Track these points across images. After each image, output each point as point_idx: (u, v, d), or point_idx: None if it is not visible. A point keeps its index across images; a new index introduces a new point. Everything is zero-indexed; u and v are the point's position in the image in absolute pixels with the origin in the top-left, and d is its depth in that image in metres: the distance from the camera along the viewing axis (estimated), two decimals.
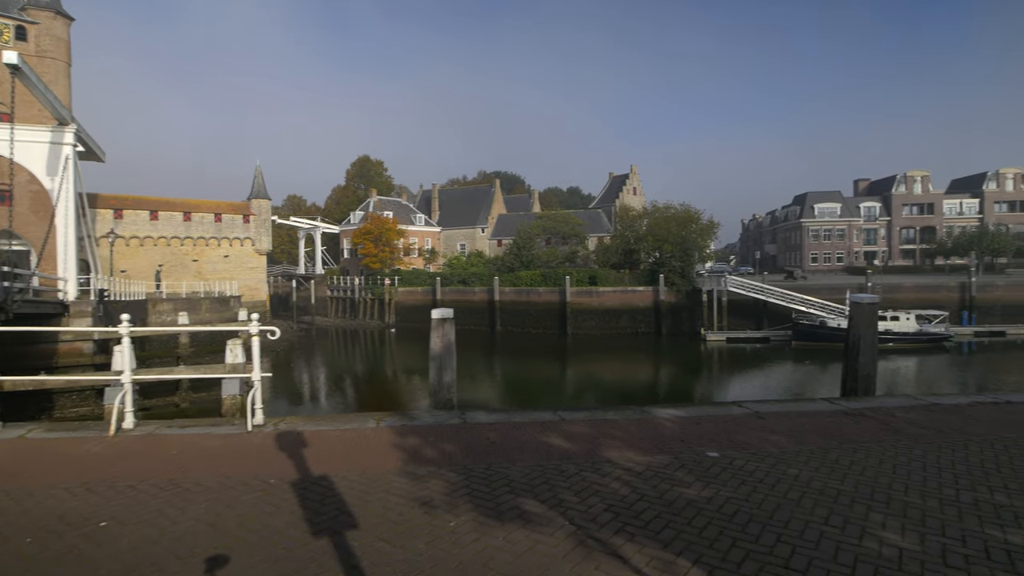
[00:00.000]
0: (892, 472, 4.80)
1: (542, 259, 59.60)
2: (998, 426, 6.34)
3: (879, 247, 72.26)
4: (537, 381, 32.17)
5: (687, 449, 5.41)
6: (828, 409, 7.02)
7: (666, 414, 6.68)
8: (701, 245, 53.24)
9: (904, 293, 46.17)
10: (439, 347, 7.37)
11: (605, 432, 6.00)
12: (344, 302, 62.98)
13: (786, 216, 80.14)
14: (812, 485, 4.48)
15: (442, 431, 6.06)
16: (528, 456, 5.22)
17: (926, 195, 72.56)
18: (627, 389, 30.01)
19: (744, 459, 5.12)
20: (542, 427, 6.19)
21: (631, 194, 75.99)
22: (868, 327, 8.16)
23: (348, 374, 33.29)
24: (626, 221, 60.05)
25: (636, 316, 49.40)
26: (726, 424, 6.34)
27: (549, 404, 24.78)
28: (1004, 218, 69.69)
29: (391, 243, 63.49)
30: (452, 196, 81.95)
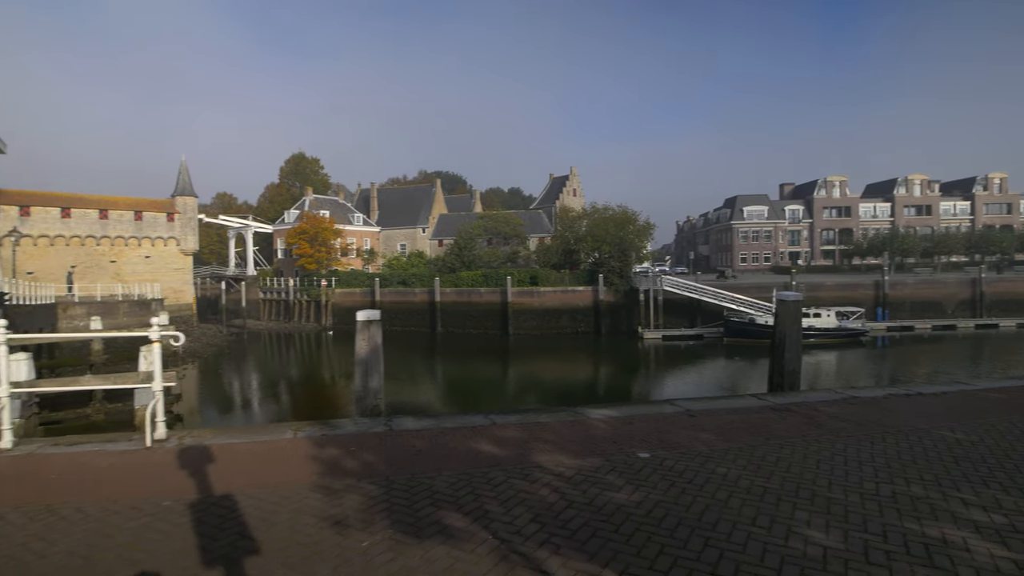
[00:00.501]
0: (816, 468, 4.84)
1: (483, 259, 59.37)
2: (911, 417, 6.59)
3: (802, 248, 76.28)
4: (477, 383, 31.88)
5: (619, 451, 5.30)
6: (756, 405, 7.12)
7: (599, 415, 6.58)
8: (638, 246, 54.46)
9: (825, 291, 48.86)
10: (365, 351, 6.99)
11: (537, 435, 5.82)
12: (278, 304, 60.59)
13: (718, 218, 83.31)
14: (740, 484, 4.44)
15: (365, 440, 5.71)
16: (455, 464, 4.96)
17: (844, 199, 77.18)
18: (567, 389, 30.20)
19: (675, 459, 5.06)
20: (472, 432, 5.94)
21: (571, 195, 76.96)
22: (793, 324, 8.38)
23: (279, 380, 31.88)
24: (566, 222, 60.70)
25: (576, 316, 49.97)
26: (658, 423, 6.29)
27: (489, 406, 24.61)
28: (912, 221, 75.09)
29: (328, 243, 61.60)
30: (392, 196, 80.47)
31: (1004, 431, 5.99)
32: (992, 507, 4.01)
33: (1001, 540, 3.51)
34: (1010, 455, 5.20)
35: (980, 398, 7.66)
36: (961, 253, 65.42)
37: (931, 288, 50.05)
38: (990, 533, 3.61)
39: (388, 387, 28.30)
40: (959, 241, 65.78)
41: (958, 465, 4.92)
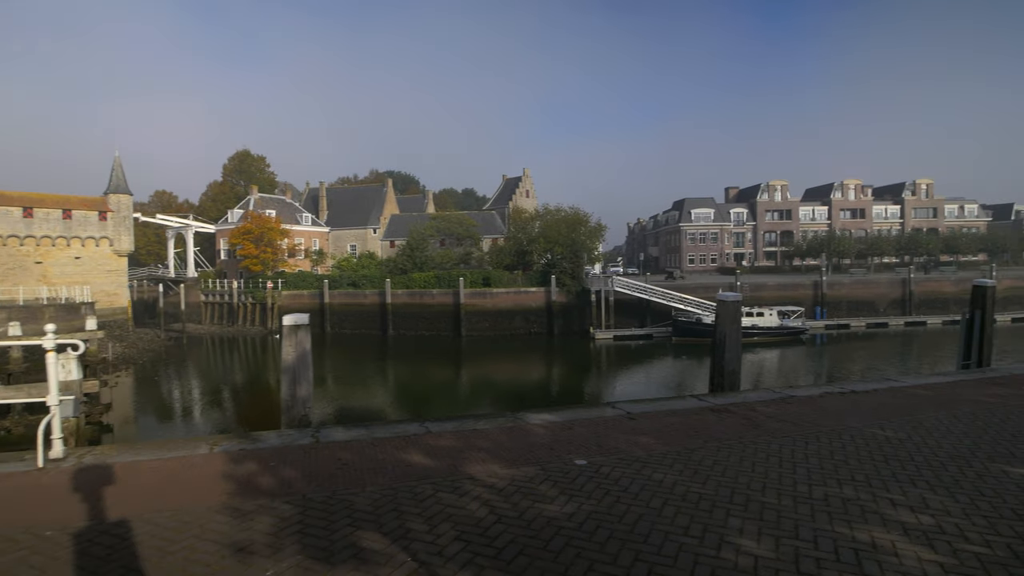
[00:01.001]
0: (751, 471, 4.79)
1: (436, 261, 58.73)
2: (844, 416, 6.69)
3: (747, 249, 78.84)
4: (426, 387, 31.39)
5: (555, 458, 5.13)
6: (696, 406, 7.10)
7: (539, 420, 6.40)
8: (590, 247, 55.01)
9: (767, 291, 50.58)
10: (292, 357, 6.59)
11: (472, 444, 5.58)
12: (221, 307, 58.21)
13: (667, 220, 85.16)
14: (675, 491, 4.33)
15: (288, 454, 5.33)
16: (382, 478, 4.67)
17: (785, 202, 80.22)
18: (517, 391, 30.10)
19: (611, 465, 4.91)
20: (405, 442, 5.65)
21: (524, 196, 77.13)
22: (733, 324, 8.44)
23: (219, 387, 30.48)
24: (519, 223, 60.75)
25: (529, 316, 50.05)
26: (598, 428, 6.16)
27: (438, 411, 24.23)
28: (848, 224, 78.72)
29: (274, 244, 59.60)
30: (342, 195, 78.68)
31: (931, 428, 6.13)
32: (919, 507, 4.02)
33: (928, 543, 3.49)
34: (936, 452, 5.29)
35: (908, 395, 7.87)
36: (892, 255, 69.02)
37: (865, 288, 52.54)
38: (918, 535, 3.59)
39: (334, 392, 27.56)
40: (890, 243, 69.39)
41: (888, 464, 4.97)
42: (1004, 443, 5.58)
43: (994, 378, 9.16)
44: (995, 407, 7.13)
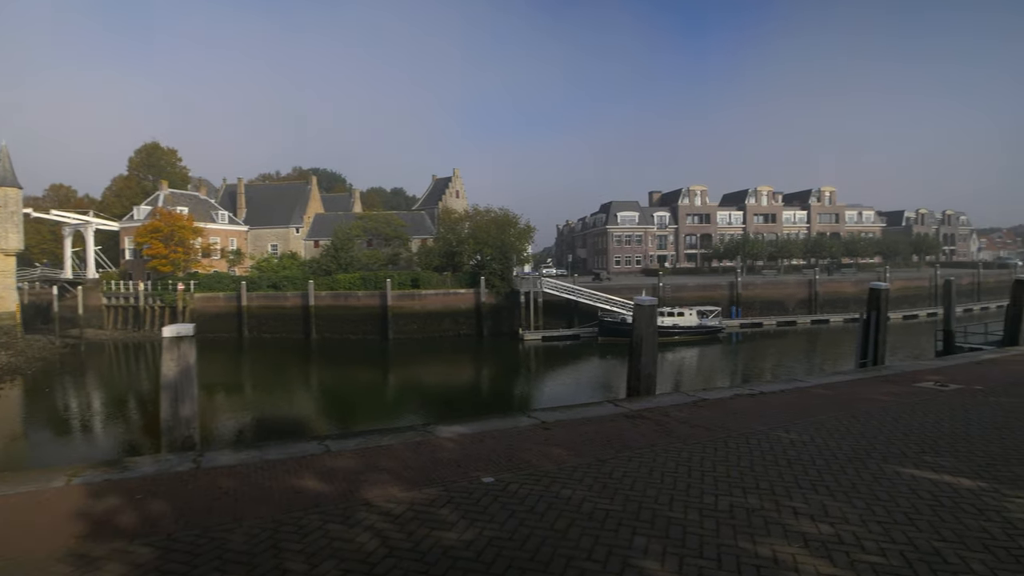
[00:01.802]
0: (660, 482, 4.69)
1: (362, 261, 57.11)
2: (752, 419, 6.80)
3: (669, 251, 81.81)
4: (350, 393, 30.33)
5: (462, 476, 4.83)
6: (611, 413, 7.02)
7: (449, 433, 6.09)
8: (519, 248, 55.23)
9: (688, 292, 52.62)
10: (174, 373, 5.94)
11: (374, 463, 5.19)
12: (125, 311, 53.94)
13: (594, 223, 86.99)
14: (582, 508, 4.14)
15: (160, 484, 4.74)
16: (266, 508, 4.21)
17: (704, 207, 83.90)
18: (442, 395, 29.63)
19: (520, 482, 4.68)
20: (299, 465, 5.18)
21: (454, 197, 76.48)
22: (649, 328, 8.47)
23: (114, 401, 27.99)
24: (448, 224, 60.11)
25: (458, 318, 49.58)
26: (510, 439, 5.92)
27: (361, 420, 23.34)
28: (761, 228, 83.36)
29: (186, 243, 55.89)
30: (262, 192, 75.04)
31: (831, 429, 6.32)
32: (820, 515, 4.03)
33: (827, 554, 3.46)
34: (836, 455, 5.42)
35: (812, 395, 8.17)
36: (800, 257, 73.67)
37: (776, 288, 55.74)
38: (817, 547, 3.57)
39: (245, 404, 25.97)
40: (798, 246, 74.08)
41: (791, 469, 5.02)
42: (896, 443, 5.80)
43: (888, 376, 9.70)
44: (888, 405, 7.49)
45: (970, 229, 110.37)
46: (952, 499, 4.32)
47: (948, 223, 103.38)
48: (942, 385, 8.74)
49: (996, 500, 4.31)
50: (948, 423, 6.55)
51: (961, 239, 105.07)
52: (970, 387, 8.62)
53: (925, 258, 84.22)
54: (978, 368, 10.46)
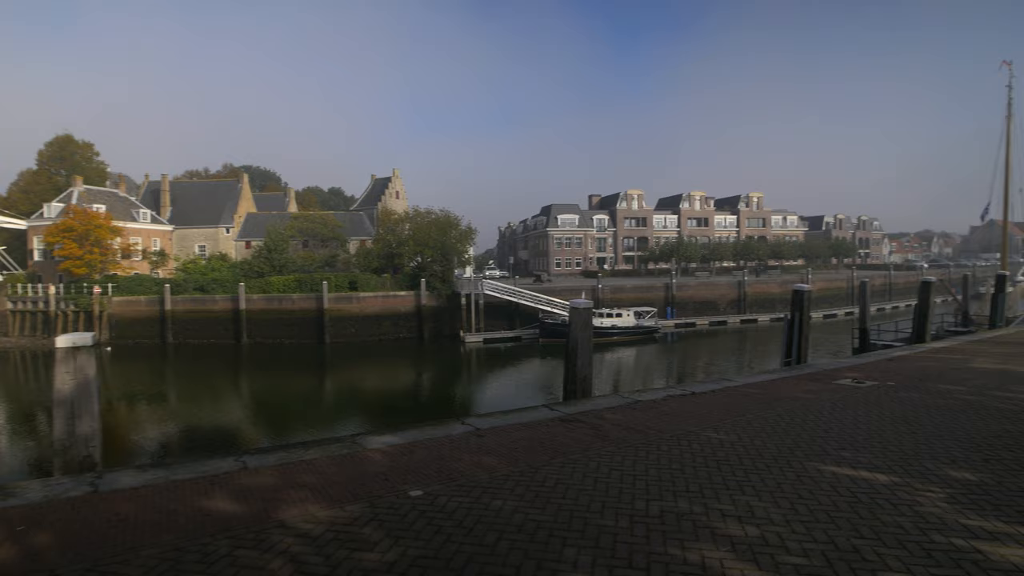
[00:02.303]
0: (593, 488, 4.63)
1: (298, 263, 55.26)
2: (684, 419, 6.89)
3: (608, 254, 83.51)
4: (282, 401, 29.15)
5: (389, 490, 4.60)
6: (547, 417, 6.94)
7: (379, 444, 5.83)
8: (460, 250, 54.90)
9: (625, 293, 53.83)
10: (70, 387, 5.39)
11: (295, 479, 4.88)
12: (33, 316, 49.83)
13: (535, 225, 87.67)
14: (513, 520, 4.01)
15: (50, 511, 4.26)
16: (169, 535, 3.84)
17: (641, 211, 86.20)
18: (380, 401, 29.01)
19: (449, 494, 4.50)
20: (211, 484, 4.80)
21: (394, 198, 75.17)
22: (584, 330, 8.48)
23: (13, 418, 25.70)
24: (388, 225, 59.07)
25: (398, 321, 48.77)
26: (442, 448, 5.73)
27: (294, 430, 22.44)
28: (694, 231, 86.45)
29: (103, 243, 52.28)
30: (189, 190, 71.22)
31: (758, 428, 6.48)
32: (747, 517, 4.06)
33: (753, 558, 3.47)
34: (762, 454, 5.54)
35: (740, 394, 8.39)
36: (730, 259, 76.85)
37: (708, 290, 57.91)
38: (744, 550, 3.57)
39: (165, 416, 24.51)
40: (728, 249, 77.29)
41: (720, 470, 5.08)
42: (818, 440, 6.00)
43: (810, 374, 10.13)
44: (810, 403, 7.78)
45: (882, 234, 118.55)
46: (869, 495, 4.47)
47: (863, 228, 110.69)
48: (859, 382, 9.19)
49: (909, 495, 4.49)
50: (864, 419, 6.86)
51: (874, 243, 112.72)
52: (884, 383, 9.11)
53: (843, 260, 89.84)
54: (890, 364, 11.10)
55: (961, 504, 4.29)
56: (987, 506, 4.25)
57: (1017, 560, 3.43)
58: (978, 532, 3.81)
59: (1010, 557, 3.47)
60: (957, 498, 4.41)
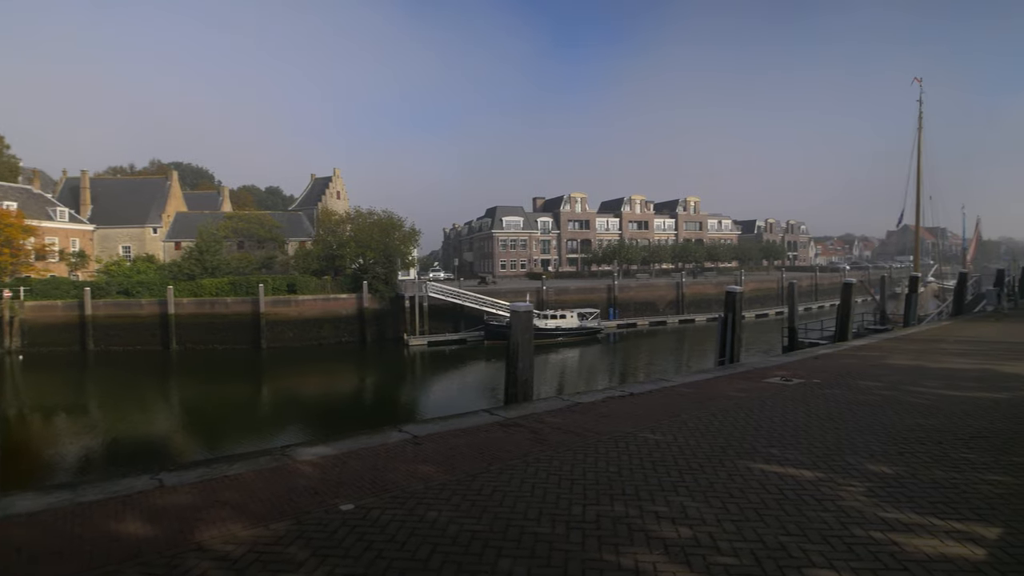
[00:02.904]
0: (530, 495, 4.58)
1: (232, 265, 52.98)
2: (621, 421, 6.96)
3: (552, 255, 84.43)
4: (211, 412, 27.84)
5: (318, 505, 4.40)
6: (486, 422, 6.86)
7: (310, 455, 5.58)
8: (404, 252, 54.14)
9: (569, 295, 54.52)
10: None
11: (217, 497, 4.59)
12: None
13: (480, 227, 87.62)
14: (448, 532, 3.90)
15: None
16: (72, 565, 3.51)
17: (584, 213, 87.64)
18: (320, 408, 28.18)
19: (383, 507, 4.34)
20: (123, 505, 4.45)
21: (335, 198, 73.34)
22: (526, 334, 8.46)
23: None
24: (329, 226, 57.56)
25: (339, 324, 47.60)
26: (377, 458, 5.55)
27: (225, 442, 21.43)
28: (635, 234, 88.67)
29: (13, 243, 48.47)
30: (112, 188, 67.01)
31: (693, 428, 6.62)
32: (680, 518, 4.11)
33: (685, 559, 3.51)
34: (696, 454, 5.65)
35: (677, 395, 8.57)
36: (669, 262, 79.22)
37: (648, 291, 59.45)
38: (677, 552, 3.60)
39: (80, 430, 23.02)
40: (667, 252, 79.67)
41: (655, 471, 5.13)
42: (748, 439, 6.18)
43: (742, 373, 10.49)
44: (742, 401, 8.04)
45: (808, 237, 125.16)
46: (796, 492, 4.62)
47: (791, 232, 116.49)
48: (787, 380, 9.58)
49: (832, 490, 4.67)
50: (792, 417, 7.13)
51: (802, 246, 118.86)
52: (810, 381, 9.53)
53: (774, 263, 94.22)
54: (816, 363, 11.65)
55: (879, 497, 4.50)
56: (902, 499, 4.48)
57: (929, 550, 3.61)
58: (894, 524, 4.00)
59: (923, 548, 3.65)
60: (876, 491, 4.62)
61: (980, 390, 8.69)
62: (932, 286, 41.07)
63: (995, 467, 5.23)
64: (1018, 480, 4.88)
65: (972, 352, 12.79)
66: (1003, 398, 8.12)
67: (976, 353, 12.62)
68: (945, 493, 4.59)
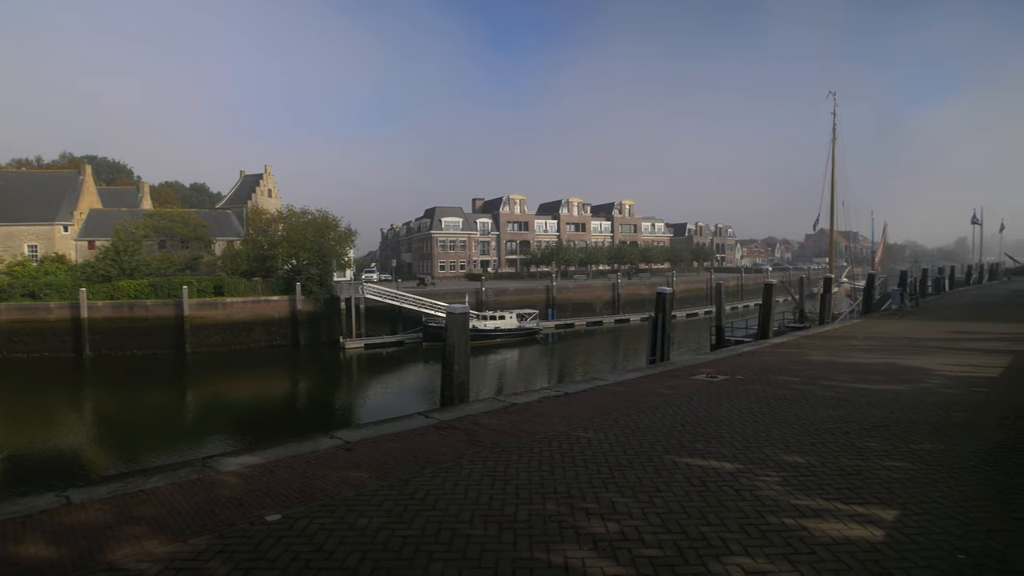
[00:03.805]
0: (463, 497, 4.59)
1: (153, 266, 50.02)
2: (556, 420, 7.09)
3: (491, 256, 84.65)
4: (128, 423, 26.22)
5: (242, 517, 4.23)
6: (421, 425, 6.81)
7: (235, 465, 5.36)
8: (340, 252, 52.82)
9: (509, 296, 54.86)
10: None
11: (131, 513, 4.33)
12: None
13: (419, 227, 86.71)
14: (378, 538, 3.85)
15: None
16: None
17: (523, 215, 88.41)
18: (247, 417, 27.07)
19: (311, 516, 4.23)
20: (24, 526, 4.12)
21: (266, 196, 70.63)
22: (461, 335, 8.46)
23: None
24: (259, 225, 55.39)
25: (271, 327, 45.91)
26: (307, 466, 5.40)
27: (135, 457, 20.21)
28: (573, 236, 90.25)
29: None
30: (16, 182, 61.65)
31: (623, 425, 6.81)
32: (608, 514, 4.23)
33: (612, 554, 3.61)
34: (626, 450, 5.82)
35: (610, 393, 8.80)
36: (605, 263, 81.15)
37: (585, 292, 60.69)
38: (605, 547, 3.71)
39: None
40: (604, 253, 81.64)
41: (587, 469, 5.26)
42: (676, 434, 6.44)
43: (672, 371, 10.90)
44: (670, 398, 8.35)
45: (735, 240, 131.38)
46: (716, 483, 4.85)
47: (720, 235, 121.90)
48: (712, 376, 10.03)
49: (750, 480, 4.93)
50: (716, 412, 7.48)
51: (729, 248, 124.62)
52: (734, 377, 10.01)
53: (703, 264, 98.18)
54: (739, 360, 12.25)
55: (792, 486, 4.79)
56: (813, 486, 4.79)
57: (834, 534, 3.88)
58: (804, 511, 4.27)
59: (829, 532, 3.92)
60: (789, 480, 4.92)
61: (884, 383, 9.40)
62: (845, 286, 44.08)
63: (894, 454, 5.68)
64: (914, 465, 5.32)
65: (878, 348, 13.80)
66: (903, 390, 8.82)
67: (882, 349, 13.63)
68: (850, 480, 4.94)
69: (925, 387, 9.00)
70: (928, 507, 4.33)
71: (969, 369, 10.55)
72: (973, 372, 10.25)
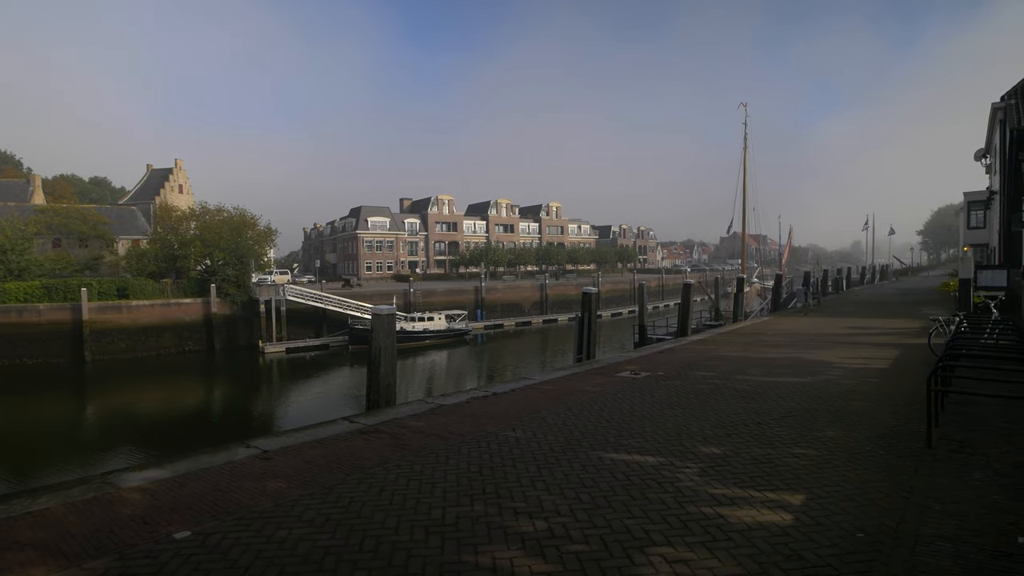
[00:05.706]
0: (389, 503, 4.47)
1: (46, 266, 45.73)
2: (485, 421, 7.07)
3: (420, 257, 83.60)
4: (11, 440, 23.86)
5: (147, 536, 3.92)
6: (345, 431, 6.60)
7: (138, 480, 4.97)
8: (258, 252, 50.41)
9: (438, 297, 54.41)
10: None
11: (16, 538, 3.91)
12: None
13: (344, 227, 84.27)
14: (298, 550, 3.68)
15: None
16: None
17: (452, 216, 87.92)
18: (155, 429, 25.32)
19: (224, 531, 3.98)
20: None
21: (176, 192, 66.46)
22: (388, 337, 8.27)
23: None
24: (169, 223, 51.86)
25: (183, 332, 43.15)
26: (221, 478, 5.09)
27: (12, 477, 18.42)
28: (501, 237, 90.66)
29: None
30: None
31: (551, 424, 6.89)
32: (536, 512, 4.25)
33: (540, 552, 3.63)
34: (554, 448, 5.89)
35: (538, 392, 8.89)
36: (533, 264, 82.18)
37: (514, 292, 61.21)
38: (532, 545, 3.72)
39: None
40: (532, 254, 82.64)
41: (515, 468, 5.27)
42: (602, 430, 6.58)
43: (597, 369, 11.15)
44: (596, 396, 8.54)
45: (656, 242, 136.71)
46: (640, 477, 4.99)
47: (642, 237, 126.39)
48: (636, 373, 10.35)
49: (671, 472, 5.11)
50: (639, 407, 7.71)
51: (651, 250, 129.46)
52: (655, 374, 10.38)
53: (627, 265, 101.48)
54: (661, 357, 12.72)
55: (710, 476, 5.01)
56: (728, 475, 5.03)
57: (748, 520, 4.09)
58: (721, 500, 4.47)
59: (743, 518, 4.12)
60: (707, 471, 5.15)
61: (791, 375, 10.05)
62: (756, 286, 46.89)
63: (801, 441, 6.07)
64: (818, 452, 5.71)
65: (786, 343, 14.75)
66: (808, 382, 9.45)
67: (789, 344, 14.57)
68: (762, 468, 5.23)
69: (827, 379, 9.69)
70: (831, 490, 4.65)
71: (864, 361, 11.46)
72: (867, 364, 11.15)
